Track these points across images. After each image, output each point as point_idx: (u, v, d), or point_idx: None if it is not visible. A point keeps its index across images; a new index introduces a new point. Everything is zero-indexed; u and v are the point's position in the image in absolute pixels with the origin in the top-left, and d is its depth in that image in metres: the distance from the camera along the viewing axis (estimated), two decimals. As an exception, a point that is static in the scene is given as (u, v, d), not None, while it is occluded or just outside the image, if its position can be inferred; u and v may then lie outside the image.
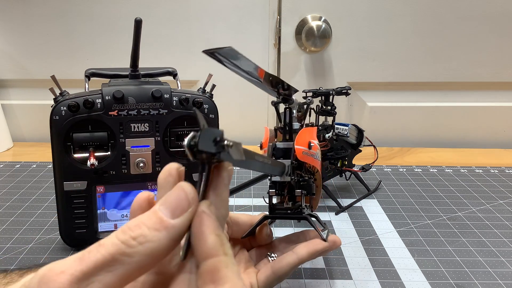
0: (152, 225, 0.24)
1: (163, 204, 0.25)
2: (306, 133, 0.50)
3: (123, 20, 1.01)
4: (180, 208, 0.24)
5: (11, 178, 0.85)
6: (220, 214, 0.26)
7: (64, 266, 0.22)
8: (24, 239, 0.63)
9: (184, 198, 0.25)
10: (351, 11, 1.01)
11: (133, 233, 0.23)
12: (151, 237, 0.23)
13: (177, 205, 0.24)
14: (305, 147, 0.49)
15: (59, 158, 0.56)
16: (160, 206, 0.24)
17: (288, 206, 0.49)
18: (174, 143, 0.60)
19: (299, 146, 0.48)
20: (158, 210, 0.24)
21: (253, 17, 1.02)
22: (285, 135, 0.51)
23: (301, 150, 0.48)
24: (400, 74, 1.05)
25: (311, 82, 1.06)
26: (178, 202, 0.24)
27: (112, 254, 0.23)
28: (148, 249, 0.23)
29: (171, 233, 0.24)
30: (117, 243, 0.23)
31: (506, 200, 0.77)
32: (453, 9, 1.01)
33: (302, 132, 0.50)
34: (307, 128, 0.52)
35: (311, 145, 0.49)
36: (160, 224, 0.24)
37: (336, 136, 0.74)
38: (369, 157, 0.80)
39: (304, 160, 0.48)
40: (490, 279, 0.55)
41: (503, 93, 1.08)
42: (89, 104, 0.55)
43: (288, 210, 0.49)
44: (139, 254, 0.23)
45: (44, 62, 1.05)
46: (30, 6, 1.01)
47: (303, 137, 0.49)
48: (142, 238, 0.23)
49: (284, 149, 0.50)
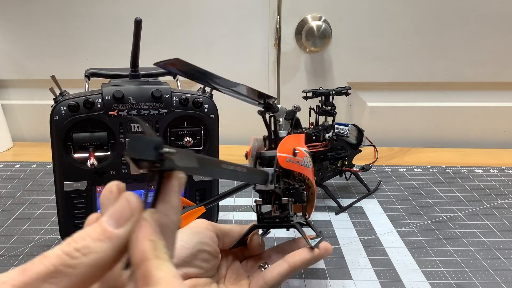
0: (96, 236, 0.24)
1: (108, 215, 0.25)
2: (291, 140, 0.50)
3: (123, 20, 1.01)
4: (123, 218, 0.24)
5: (11, 178, 0.85)
6: (169, 221, 0.26)
7: (7, 277, 0.22)
8: (24, 239, 0.63)
9: (127, 208, 0.25)
10: (351, 11, 1.01)
11: (77, 245, 0.23)
12: (94, 248, 0.23)
13: (121, 214, 0.25)
14: (289, 154, 0.48)
15: (59, 158, 0.56)
16: (104, 217, 0.25)
17: (276, 215, 0.49)
18: (174, 143, 0.60)
19: (282, 153, 0.48)
20: (102, 221, 0.24)
21: (253, 17, 1.02)
22: (270, 143, 0.51)
23: (284, 157, 0.48)
24: (400, 74, 1.05)
25: (311, 82, 1.06)
26: (122, 212, 0.25)
27: (55, 266, 0.23)
28: (91, 260, 0.23)
29: (115, 243, 0.24)
30: (60, 255, 0.23)
31: (506, 200, 0.77)
32: (453, 9, 1.01)
33: (286, 139, 0.50)
34: (292, 135, 0.51)
35: (296, 152, 0.48)
36: (104, 235, 0.24)
37: (336, 136, 0.74)
38: (369, 157, 0.80)
39: (289, 168, 0.48)
40: (490, 279, 0.55)
41: (503, 93, 1.08)
42: (89, 104, 0.55)
43: (277, 218, 0.49)
44: (82, 265, 0.23)
45: (44, 62, 1.05)
46: (30, 6, 1.01)
47: (287, 144, 0.49)
48: (86, 249, 0.23)
49: (268, 157, 0.50)
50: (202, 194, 0.62)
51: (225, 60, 1.04)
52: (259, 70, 1.05)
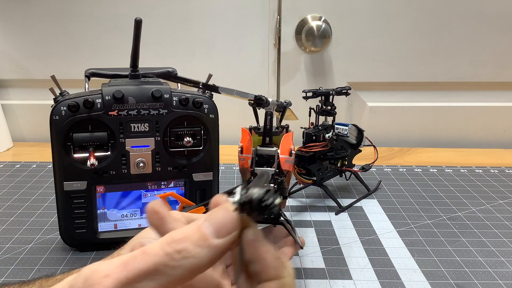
0: (196, 241, 0.24)
1: (209, 221, 0.25)
2: (287, 140, 0.51)
3: (123, 20, 1.01)
4: (225, 230, 0.25)
5: (11, 178, 0.85)
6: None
7: (109, 270, 0.23)
8: (24, 239, 0.63)
9: (230, 221, 0.25)
10: (351, 11, 1.01)
11: (178, 246, 0.23)
12: (194, 253, 0.24)
13: (223, 226, 0.25)
14: (287, 155, 0.49)
15: (59, 158, 0.56)
16: (205, 223, 0.25)
17: None
18: (174, 143, 0.60)
19: (283, 155, 0.49)
20: (203, 226, 0.24)
21: (253, 17, 1.02)
22: (264, 138, 0.51)
23: (284, 159, 0.49)
24: (400, 74, 1.06)
25: (311, 82, 1.06)
26: (224, 223, 0.25)
27: (156, 265, 0.23)
28: (190, 265, 0.23)
29: (213, 252, 0.24)
30: (162, 255, 0.23)
31: (506, 200, 0.77)
32: (453, 9, 1.01)
33: (285, 139, 0.50)
34: (286, 135, 0.52)
35: (292, 152, 0.49)
36: (204, 242, 0.24)
37: (336, 136, 0.74)
38: (369, 157, 0.80)
39: (286, 168, 0.49)
40: (490, 279, 0.55)
41: (503, 93, 1.08)
42: (89, 104, 0.55)
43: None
44: (181, 268, 0.23)
45: (44, 62, 1.05)
46: (30, 6, 1.01)
47: (286, 144, 0.50)
48: (186, 253, 0.23)
49: (267, 156, 0.50)
50: (202, 194, 0.62)
51: (225, 60, 1.04)
52: (259, 70, 1.05)
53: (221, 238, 0.24)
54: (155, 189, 0.61)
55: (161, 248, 0.23)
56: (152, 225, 0.29)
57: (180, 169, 0.60)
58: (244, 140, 0.51)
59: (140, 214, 0.61)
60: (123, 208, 0.61)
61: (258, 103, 0.50)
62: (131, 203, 0.61)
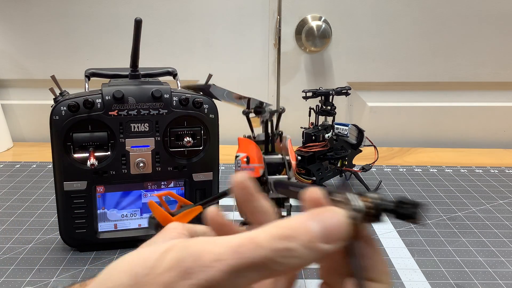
0: (304, 243, 0.23)
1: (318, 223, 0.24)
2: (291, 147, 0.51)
3: (123, 20, 1.01)
4: (334, 238, 0.24)
5: (11, 178, 0.85)
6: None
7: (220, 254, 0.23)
8: (24, 239, 0.63)
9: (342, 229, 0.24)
10: (351, 11, 1.01)
11: (287, 244, 0.23)
12: (300, 254, 0.23)
13: (334, 232, 0.24)
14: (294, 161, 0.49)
15: (59, 158, 0.56)
16: (314, 223, 0.24)
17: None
18: (174, 143, 0.60)
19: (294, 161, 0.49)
20: (311, 227, 0.24)
21: (253, 17, 1.02)
22: (267, 146, 0.51)
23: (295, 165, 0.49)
24: (400, 74, 1.06)
25: (311, 82, 1.06)
26: (334, 230, 0.24)
27: (264, 258, 0.23)
28: (293, 264, 0.23)
29: (317, 256, 0.24)
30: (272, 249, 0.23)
31: (506, 200, 0.77)
32: (453, 9, 1.01)
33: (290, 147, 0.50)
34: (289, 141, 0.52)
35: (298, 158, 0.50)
36: (311, 244, 0.24)
37: (336, 136, 0.74)
38: (369, 157, 0.80)
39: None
40: (490, 279, 0.55)
41: (503, 93, 1.08)
42: (89, 104, 0.55)
43: None
44: (284, 265, 0.23)
45: (44, 62, 1.05)
46: (30, 6, 1.01)
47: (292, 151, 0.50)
48: (293, 253, 0.23)
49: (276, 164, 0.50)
50: (202, 194, 0.62)
51: (225, 60, 1.04)
52: (259, 70, 1.05)
53: (328, 245, 0.24)
54: (155, 189, 0.61)
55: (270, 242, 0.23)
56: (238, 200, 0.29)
57: (180, 169, 0.60)
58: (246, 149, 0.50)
59: (140, 214, 0.61)
60: (123, 208, 0.61)
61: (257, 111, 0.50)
62: (131, 203, 0.61)
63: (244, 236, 0.24)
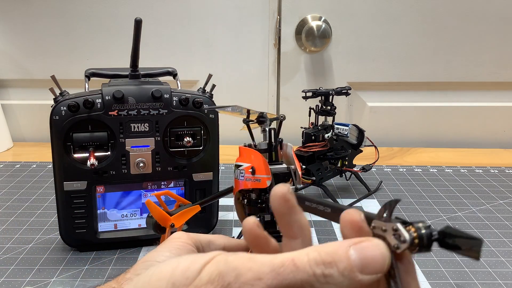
0: (343, 271, 0.24)
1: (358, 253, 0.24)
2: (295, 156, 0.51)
3: (123, 20, 1.01)
4: (372, 269, 0.24)
5: (11, 178, 0.85)
6: None
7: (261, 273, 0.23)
8: (24, 239, 0.63)
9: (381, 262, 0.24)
10: (351, 11, 1.01)
11: (326, 271, 0.24)
12: (336, 281, 0.24)
13: (372, 264, 0.24)
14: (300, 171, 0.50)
15: (59, 158, 0.56)
16: (354, 253, 0.24)
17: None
18: (174, 143, 0.60)
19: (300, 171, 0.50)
20: (351, 256, 0.24)
21: (253, 17, 1.02)
22: (271, 155, 0.51)
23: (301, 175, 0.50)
24: (400, 74, 1.05)
25: (311, 82, 1.06)
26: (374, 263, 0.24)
27: (303, 281, 0.23)
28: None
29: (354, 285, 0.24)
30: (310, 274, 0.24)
31: (506, 200, 0.77)
32: (453, 9, 1.01)
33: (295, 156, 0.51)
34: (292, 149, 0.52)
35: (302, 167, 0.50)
36: (349, 273, 0.24)
37: (336, 136, 0.74)
38: (369, 157, 0.80)
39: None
40: (490, 279, 0.55)
41: (503, 93, 1.08)
42: (89, 104, 0.55)
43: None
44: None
45: (44, 62, 1.05)
46: (30, 6, 1.01)
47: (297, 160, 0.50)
48: (331, 279, 0.24)
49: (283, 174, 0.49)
50: (202, 194, 0.62)
51: (225, 60, 1.04)
52: (259, 70, 1.05)
53: (366, 275, 0.24)
54: (155, 189, 0.61)
55: (310, 266, 0.24)
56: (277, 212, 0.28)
57: (180, 169, 0.60)
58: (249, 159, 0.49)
59: (140, 214, 0.61)
60: (123, 208, 0.61)
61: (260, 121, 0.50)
62: (131, 203, 0.61)
63: (285, 257, 0.24)
